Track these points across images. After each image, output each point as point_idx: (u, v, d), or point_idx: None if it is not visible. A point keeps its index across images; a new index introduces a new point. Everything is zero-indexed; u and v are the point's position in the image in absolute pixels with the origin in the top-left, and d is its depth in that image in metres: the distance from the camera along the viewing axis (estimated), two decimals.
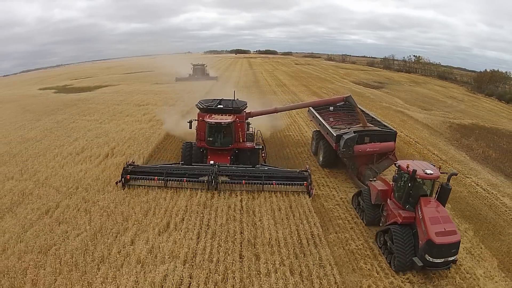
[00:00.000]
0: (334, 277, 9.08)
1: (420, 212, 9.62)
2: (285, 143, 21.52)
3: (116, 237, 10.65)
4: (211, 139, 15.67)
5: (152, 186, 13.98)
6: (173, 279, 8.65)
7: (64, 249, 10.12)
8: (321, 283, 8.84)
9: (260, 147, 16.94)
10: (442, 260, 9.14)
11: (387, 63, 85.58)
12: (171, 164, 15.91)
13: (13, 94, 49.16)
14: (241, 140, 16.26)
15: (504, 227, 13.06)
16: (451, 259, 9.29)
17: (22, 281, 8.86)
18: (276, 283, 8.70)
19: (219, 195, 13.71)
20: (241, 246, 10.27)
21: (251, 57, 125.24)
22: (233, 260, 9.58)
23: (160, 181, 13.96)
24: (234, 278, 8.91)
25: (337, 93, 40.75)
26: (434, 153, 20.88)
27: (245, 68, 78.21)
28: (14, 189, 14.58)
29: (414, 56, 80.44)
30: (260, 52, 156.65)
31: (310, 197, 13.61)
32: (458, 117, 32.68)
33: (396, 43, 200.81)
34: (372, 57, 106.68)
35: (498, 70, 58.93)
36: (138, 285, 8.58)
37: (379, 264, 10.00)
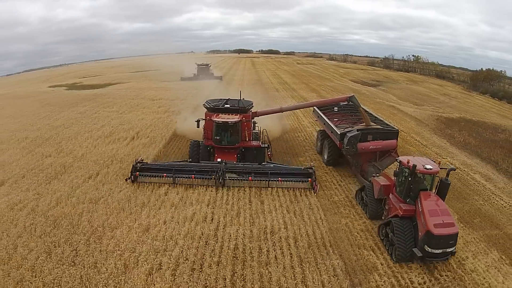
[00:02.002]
0: (320, 216, 12.47)
1: (420, 205, 10.13)
2: (284, 129, 24.74)
3: (152, 191, 14.07)
4: (218, 137, 16.29)
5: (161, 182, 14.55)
6: (199, 215, 12.06)
7: (111, 199, 13.41)
8: (309, 218, 12.22)
9: (266, 145, 17.55)
10: (441, 251, 9.60)
11: (387, 63, 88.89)
12: (179, 161, 16.59)
13: (25, 91, 51.57)
14: (247, 139, 16.94)
15: (469, 194, 15.80)
16: (449, 250, 9.74)
17: (79, 221, 11.99)
18: (276, 217, 12.19)
19: None
20: (249, 195, 13.85)
21: (254, 57, 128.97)
22: (244, 203, 13.14)
23: (168, 178, 14.53)
24: (245, 214, 12.44)
25: (335, 90, 44.03)
26: (416, 139, 23.97)
27: (249, 68, 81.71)
28: (54, 163, 17.82)
29: (413, 55, 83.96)
30: (262, 52, 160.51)
31: (315, 193, 14.24)
32: (447, 111, 35.56)
33: (398, 43, 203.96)
34: (372, 57, 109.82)
35: (493, 69, 62.11)
36: (174, 218, 11.93)
37: (356, 211, 13.30)
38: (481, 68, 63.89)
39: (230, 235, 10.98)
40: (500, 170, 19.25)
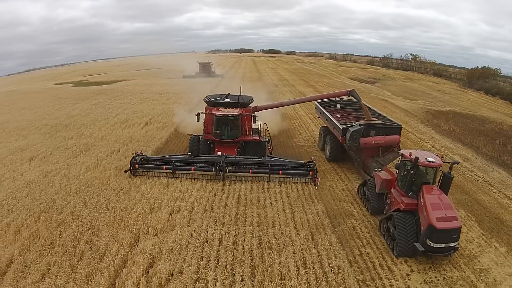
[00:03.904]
0: (308, 179, 15.09)
1: (422, 199, 10.05)
2: (281, 117, 27.39)
3: None
4: (218, 131, 16.45)
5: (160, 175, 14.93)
6: (209, 177, 14.83)
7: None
8: (299, 180, 14.96)
9: (267, 140, 17.79)
10: (443, 245, 9.46)
11: (386, 62, 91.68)
12: (179, 155, 16.95)
13: (33, 88, 53.81)
14: (247, 133, 17.17)
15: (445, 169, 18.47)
16: (452, 245, 9.59)
17: (108, 181, 14.71)
18: (272, 179, 14.95)
19: None
20: None
21: (255, 56, 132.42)
22: None
23: (168, 170, 14.90)
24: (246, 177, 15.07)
25: (331, 86, 46.70)
26: (402, 127, 26.39)
27: (250, 66, 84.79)
28: (77, 143, 20.50)
29: (411, 54, 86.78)
30: (263, 51, 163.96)
31: (316, 186, 14.50)
32: (438, 105, 37.86)
33: (399, 42, 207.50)
34: (372, 56, 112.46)
35: (488, 67, 64.49)
36: (188, 179, 14.67)
37: (339, 176, 16.09)
38: (477, 66, 66.37)
39: (235, 189, 13.80)
40: (480, 153, 21.20)
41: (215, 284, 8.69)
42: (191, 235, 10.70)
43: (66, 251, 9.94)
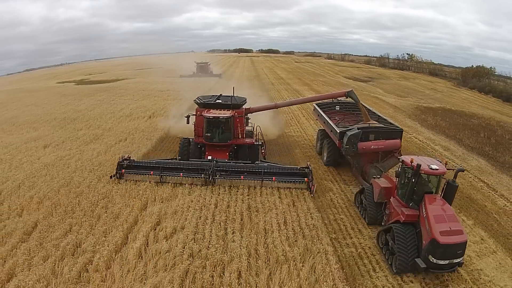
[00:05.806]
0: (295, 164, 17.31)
1: (424, 210, 9.41)
2: (277, 114, 29.51)
3: (170, 147, 19.05)
4: (209, 134, 15.89)
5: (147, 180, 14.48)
6: None
7: (141, 151, 18.50)
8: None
9: (260, 143, 17.30)
10: (447, 261, 8.91)
11: (382, 62, 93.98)
12: (168, 159, 16.47)
13: (36, 86, 55.47)
14: (240, 136, 16.60)
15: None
16: (456, 261, 9.05)
17: (115, 164, 16.75)
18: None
19: None
20: None
21: (254, 56, 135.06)
22: None
23: (155, 176, 14.48)
24: None
25: (326, 84, 48.90)
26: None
27: (248, 65, 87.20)
28: (87, 134, 22.69)
29: (407, 54, 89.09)
30: (262, 51, 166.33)
31: (311, 194, 14.02)
32: (428, 102, 39.51)
33: (397, 42, 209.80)
34: (369, 56, 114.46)
35: (483, 66, 66.42)
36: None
37: (325, 168, 18.04)
38: (472, 65, 68.37)
39: None
40: (463, 144, 22.36)
41: (211, 236, 10.87)
42: (192, 201, 12.94)
43: (85, 214, 12.03)
